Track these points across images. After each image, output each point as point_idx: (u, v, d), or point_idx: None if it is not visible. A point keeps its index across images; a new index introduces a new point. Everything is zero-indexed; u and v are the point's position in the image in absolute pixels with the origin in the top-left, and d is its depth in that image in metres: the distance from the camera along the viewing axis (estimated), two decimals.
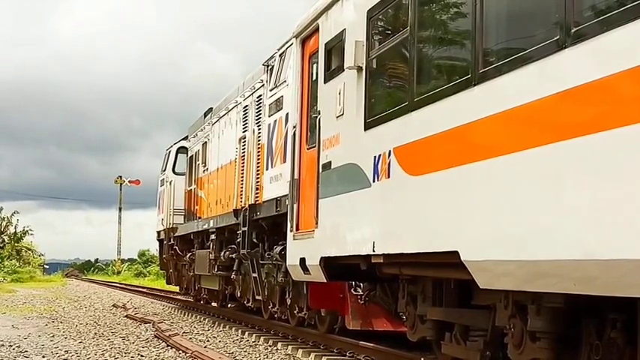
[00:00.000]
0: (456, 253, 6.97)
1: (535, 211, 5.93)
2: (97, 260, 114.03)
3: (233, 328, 17.51)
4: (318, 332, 14.06)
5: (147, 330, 17.68)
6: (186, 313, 22.99)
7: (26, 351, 13.67)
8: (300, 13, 11.34)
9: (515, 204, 6.18)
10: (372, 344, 12.13)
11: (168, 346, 14.51)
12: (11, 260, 64.33)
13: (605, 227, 5.16)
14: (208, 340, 15.54)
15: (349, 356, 12.14)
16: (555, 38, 5.74)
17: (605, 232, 5.18)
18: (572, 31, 5.56)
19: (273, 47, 15.28)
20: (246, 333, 16.25)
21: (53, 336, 16.35)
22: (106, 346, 14.48)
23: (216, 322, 19.16)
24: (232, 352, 13.48)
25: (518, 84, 6.18)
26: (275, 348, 14.00)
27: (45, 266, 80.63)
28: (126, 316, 22.11)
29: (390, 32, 8.75)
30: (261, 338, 15.14)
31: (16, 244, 68.62)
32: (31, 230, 71.37)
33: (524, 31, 6.41)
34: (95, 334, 16.88)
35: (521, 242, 6.10)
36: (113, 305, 27.76)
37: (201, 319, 20.66)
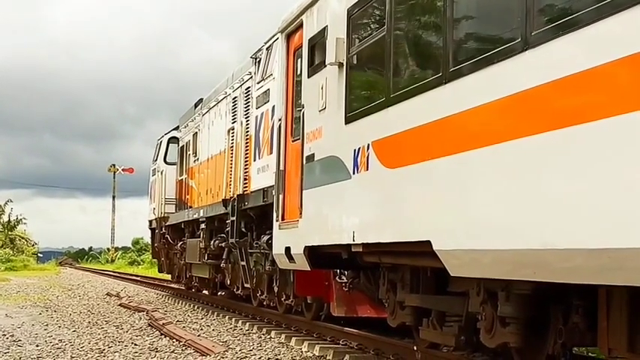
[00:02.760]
0: (428, 243, 7.33)
1: (499, 204, 6.29)
2: (90, 249, 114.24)
3: (226, 317, 17.62)
4: (305, 319, 14.44)
5: (140, 318, 17.74)
6: (180, 302, 23.10)
7: (20, 340, 13.73)
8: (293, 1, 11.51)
9: (481, 197, 6.54)
10: (356, 331, 12.51)
11: (161, 334, 14.58)
12: (5, 249, 64.59)
13: (561, 219, 5.52)
14: (202, 329, 15.63)
15: (342, 344, 12.28)
16: (515, 42, 6.10)
17: (560, 224, 5.54)
18: (530, 35, 5.91)
19: (269, 34, 15.33)
20: (240, 321, 16.35)
21: (47, 325, 16.42)
22: (99, 334, 14.54)
23: (210, 311, 19.27)
24: (226, 341, 13.58)
25: (485, 82, 6.53)
26: (268, 336, 14.11)
27: (39, 255, 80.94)
28: (120, 305, 22.21)
29: (368, 30, 9.08)
30: (255, 326, 15.29)
31: (9, 233, 68.87)
32: (24, 219, 71.67)
33: (491, 31, 6.76)
34: (89, 322, 16.95)
35: (487, 233, 6.47)
36: (107, 294, 27.85)
37: (195, 308, 20.79)
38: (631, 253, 4.91)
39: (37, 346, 13.00)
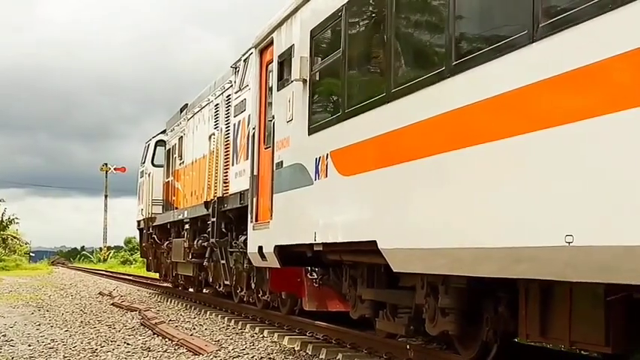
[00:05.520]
0: (374, 242, 8.31)
1: (432, 209, 7.28)
2: (82, 248, 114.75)
3: (219, 316, 17.65)
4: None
5: (133, 318, 17.74)
6: (172, 301, 23.21)
7: (12, 340, 13.74)
8: None
9: (417, 202, 7.53)
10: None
11: (154, 334, 14.64)
12: None
13: (473, 221, 6.52)
14: (194, 328, 15.71)
15: (335, 343, 12.52)
16: (442, 68, 7.08)
17: (473, 225, 6.53)
18: (453, 64, 6.90)
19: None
20: (232, 320, 16.44)
21: (39, 324, 16.42)
22: (92, 334, 14.60)
23: (202, 310, 19.37)
24: (218, 340, 13.69)
25: (419, 103, 7.52)
26: (261, 335, 14.30)
27: (31, 254, 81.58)
28: (112, 304, 22.26)
29: (327, 50, 10.06)
30: (247, 326, 15.44)
31: (1, 233, 69.44)
32: (17, 219, 72.32)
33: (422, 60, 7.76)
34: (81, 322, 16.96)
35: (419, 233, 7.46)
36: (99, 293, 27.86)
37: (187, 307, 20.95)
38: (537, 250, 5.85)
39: (30, 345, 13.05)
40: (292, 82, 10.89)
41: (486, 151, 6.30)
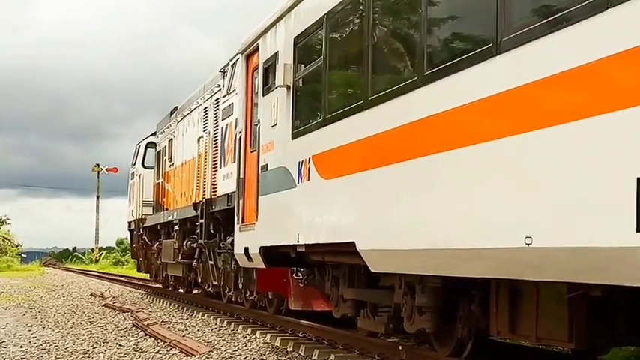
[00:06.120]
0: (353, 243, 8.67)
1: (402, 211, 7.64)
2: (74, 249, 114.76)
3: (211, 317, 17.62)
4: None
5: (125, 319, 17.75)
6: (165, 302, 23.20)
7: (4, 341, 13.73)
8: None
9: (392, 205, 7.89)
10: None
11: (146, 334, 14.65)
12: None
13: (442, 224, 6.88)
14: (187, 329, 15.72)
15: (327, 343, 12.55)
16: (414, 78, 7.44)
17: (443, 227, 6.89)
18: (422, 75, 7.26)
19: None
20: (225, 321, 16.41)
21: (31, 325, 16.39)
22: (84, 335, 14.62)
23: (195, 311, 19.34)
24: (211, 341, 13.72)
25: (391, 111, 7.88)
26: (254, 336, 14.33)
27: (22, 255, 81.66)
28: (104, 305, 22.27)
29: (310, 58, 10.40)
30: (240, 326, 15.41)
31: None
32: (8, 219, 72.41)
33: (395, 71, 8.11)
34: (73, 323, 16.97)
35: (395, 235, 7.81)
36: (91, 294, 27.85)
37: (180, 308, 20.94)
38: (500, 251, 6.20)
39: (21, 347, 13.06)
40: (277, 87, 11.22)
41: (453, 158, 6.66)
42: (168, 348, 12.88)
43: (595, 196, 5.07)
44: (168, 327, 15.85)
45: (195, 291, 22.53)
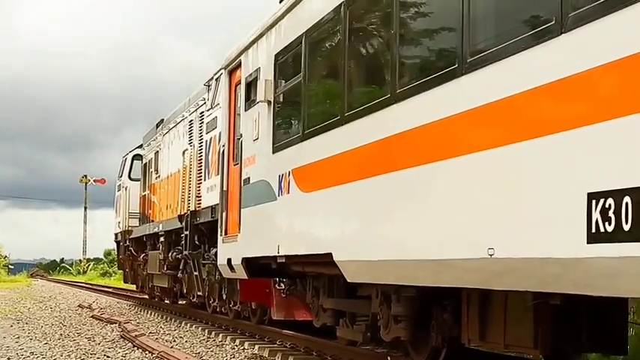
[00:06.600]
0: (330, 255, 8.96)
1: (375, 224, 7.95)
2: (62, 260, 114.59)
3: (200, 328, 17.61)
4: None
5: (113, 330, 17.71)
6: (153, 313, 23.18)
7: None
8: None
9: (364, 218, 8.19)
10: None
11: (134, 346, 14.60)
12: None
13: (413, 235, 7.19)
14: (175, 340, 15.68)
15: (316, 356, 12.64)
16: (387, 95, 7.75)
17: (413, 239, 7.20)
18: (397, 91, 7.57)
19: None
20: (213, 332, 16.41)
21: (18, 337, 16.26)
22: (71, 347, 14.53)
23: (182, 322, 19.34)
24: (199, 352, 13.73)
25: (364, 128, 8.19)
26: (242, 347, 14.34)
27: (10, 267, 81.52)
28: (92, 317, 22.13)
29: (290, 74, 10.71)
30: (228, 338, 15.41)
31: None
32: None
33: (368, 91, 8.44)
34: (61, 334, 16.87)
35: (368, 246, 8.12)
36: (79, 305, 27.68)
37: (168, 319, 20.84)
38: (466, 262, 6.50)
39: (9, 359, 13.00)
40: (258, 103, 11.51)
41: (421, 172, 6.98)
42: None
43: (550, 210, 5.38)
44: (156, 338, 15.86)
45: (181, 302, 22.77)
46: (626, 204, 4.70)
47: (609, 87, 4.89)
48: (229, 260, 12.72)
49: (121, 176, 28.80)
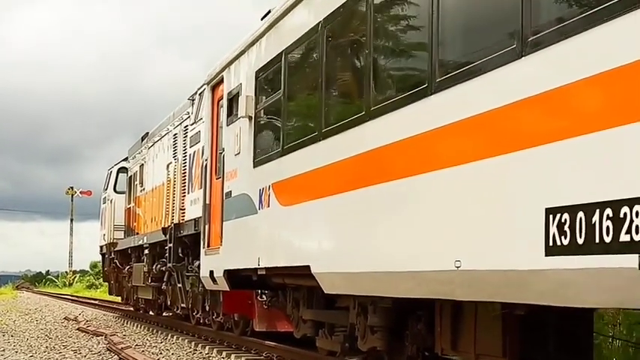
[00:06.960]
0: (308, 267, 9.21)
1: (350, 237, 8.21)
2: (48, 272, 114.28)
3: (186, 340, 17.57)
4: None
5: (99, 343, 17.65)
6: (139, 325, 23.10)
7: None
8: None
9: (340, 231, 8.46)
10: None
11: (120, 359, 14.59)
12: None
13: (385, 249, 7.45)
14: (161, 353, 15.60)
15: None
16: (361, 114, 8.03)
17: (386, 252, 7.47)
18: (370, 110, 7.85)
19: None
20: (200, 345, 16.38)
21: (3, 350, 16.14)
22: (57, 359, 14.59)
23: (168, 334, 19.20)
24: None
25: (343, 143, 8.46)
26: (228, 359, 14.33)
27: None
28: (78, 329, 22.08)
29: (270, 91, 10.98)
30: (214, 350, 15.36)
31: None
32: None
33: (348, 107, 8.71)
34: (46, 347, 16.85)
35: (344, 259, 8.38)
36: (65, 318, 27.57)
37: (154, 331, 20.78)
38: (434, 274, 6.76)
39: None
40: (240, 118, 11.77)
41: (393, 187, 7.25)
42: None
43: (512, 224, 5.66)
44: (143, 351, 15.81)
45: (166, 313, 22.94)
46: (580, 219, 4.97)
47: (562, 109, 5.18)
48: (212, 272, 12.95)
49: (107, 189, 28.99)
